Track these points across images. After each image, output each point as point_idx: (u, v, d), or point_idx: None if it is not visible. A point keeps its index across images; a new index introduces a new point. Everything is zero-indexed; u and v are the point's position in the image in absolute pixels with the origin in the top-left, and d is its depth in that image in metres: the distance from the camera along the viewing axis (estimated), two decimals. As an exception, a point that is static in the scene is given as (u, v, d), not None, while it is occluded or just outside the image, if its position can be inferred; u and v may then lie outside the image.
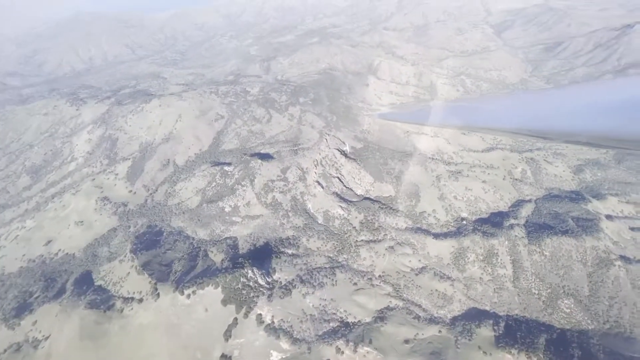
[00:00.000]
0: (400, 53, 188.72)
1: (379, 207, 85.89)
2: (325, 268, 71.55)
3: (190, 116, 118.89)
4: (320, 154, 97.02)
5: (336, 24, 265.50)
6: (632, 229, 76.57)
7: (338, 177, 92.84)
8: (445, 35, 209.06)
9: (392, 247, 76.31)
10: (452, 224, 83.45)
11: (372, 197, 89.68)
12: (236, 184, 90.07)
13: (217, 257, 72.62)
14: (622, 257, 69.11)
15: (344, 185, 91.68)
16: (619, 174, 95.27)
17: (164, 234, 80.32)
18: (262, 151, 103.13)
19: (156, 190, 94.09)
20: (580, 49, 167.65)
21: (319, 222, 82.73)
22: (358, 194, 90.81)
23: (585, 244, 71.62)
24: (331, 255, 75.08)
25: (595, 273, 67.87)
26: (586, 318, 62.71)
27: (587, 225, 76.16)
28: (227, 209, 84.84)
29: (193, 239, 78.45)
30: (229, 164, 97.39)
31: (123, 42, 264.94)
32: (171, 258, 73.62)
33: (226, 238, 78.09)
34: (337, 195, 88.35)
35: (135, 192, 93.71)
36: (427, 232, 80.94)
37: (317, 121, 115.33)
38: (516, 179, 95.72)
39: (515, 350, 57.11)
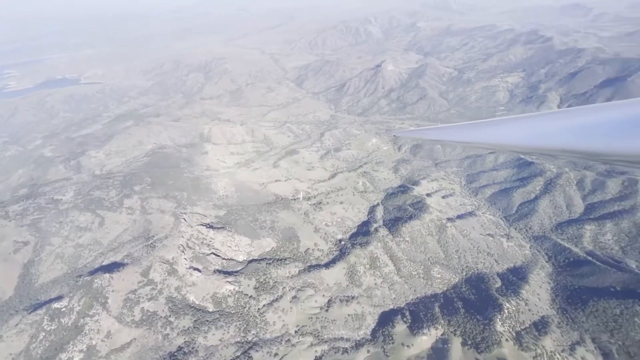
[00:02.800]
0: (226, 117, 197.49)
1: (267, 263, 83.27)
2: (238, 356, 62.17)
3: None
4: (183, 236, 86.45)
5: (147, 104, 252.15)
6: (443, 197, 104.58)
7: (213, 253, 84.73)
8: (259, 94, 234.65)
9: (295, 297, 74.63)
10: (334, 249, 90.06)
11: (256, 258, 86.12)
12: (81, 318, 67.56)
13: None
14: (448, 219, 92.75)
15: (223, 259, 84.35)
16: (418, 163, 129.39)
17: None
18: (105, 263, 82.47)
19: None
20: (358, 86, 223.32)
21: (210, 310, 72.01)
22: (241, 260, 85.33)
23: (426, 220, 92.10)
24: (239, 339, 66.12)
25: (440, 238, 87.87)
26: (452, 275, 79.40)
27: (420, 207, 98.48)
28: (77, 358, 61.80)
29: None
30: (59, 297, 72.55)
31: None
32: None
33: (90, 398, 56.24)
34: (220, 272, 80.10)
35: None
36: (318, 266, 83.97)
37: (165, 204, 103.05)
38: (361, 191, 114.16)
39: (426, 329, 65.48)
